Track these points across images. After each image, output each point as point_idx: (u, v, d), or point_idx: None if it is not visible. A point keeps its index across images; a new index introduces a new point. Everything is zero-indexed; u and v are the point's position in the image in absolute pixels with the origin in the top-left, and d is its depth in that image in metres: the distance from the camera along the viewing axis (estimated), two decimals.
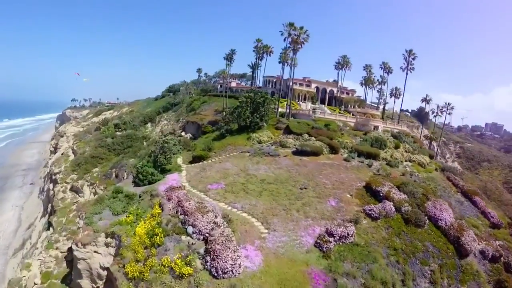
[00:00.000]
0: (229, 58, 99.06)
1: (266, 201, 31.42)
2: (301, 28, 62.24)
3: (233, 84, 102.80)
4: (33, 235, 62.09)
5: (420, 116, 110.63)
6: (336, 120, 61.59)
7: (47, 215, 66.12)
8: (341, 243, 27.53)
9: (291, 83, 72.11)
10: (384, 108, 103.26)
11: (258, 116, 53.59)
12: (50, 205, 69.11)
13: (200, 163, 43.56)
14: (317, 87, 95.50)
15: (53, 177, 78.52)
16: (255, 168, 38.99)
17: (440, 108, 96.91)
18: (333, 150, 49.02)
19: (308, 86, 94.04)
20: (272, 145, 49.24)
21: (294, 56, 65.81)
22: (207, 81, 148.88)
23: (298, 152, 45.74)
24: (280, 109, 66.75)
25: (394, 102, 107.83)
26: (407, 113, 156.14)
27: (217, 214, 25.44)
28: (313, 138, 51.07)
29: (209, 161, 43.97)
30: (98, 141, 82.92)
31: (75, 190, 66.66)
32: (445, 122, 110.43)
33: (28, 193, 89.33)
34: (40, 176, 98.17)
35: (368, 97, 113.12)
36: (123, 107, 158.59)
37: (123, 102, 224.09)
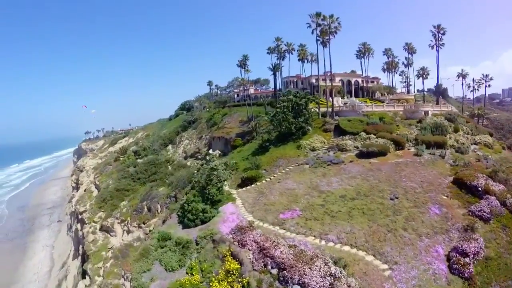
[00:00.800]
0: (243, 64, 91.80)
1: (363, 224, 24.21)
2: (331, 16, 54.64)
3: (251, 91, 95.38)
4: (68, 278, 58.30)
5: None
6: (386, 111, 53.36)
7: (79, 257, 60.32)
8: (475, 261, 21.64)
9: (326, 79, 64.50)
10: (407, 91, 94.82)
11: (302, 120, 45.79)
12: (81, 247, 63.00)
13: (252, 185, 35.87)
14: (341, 80, 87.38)
15: (80, 217, 72.38)
16: (325, 182, 31.40)
17: (478, 80, 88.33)
18: (398, 145, 41.22)
19: (331, 80, 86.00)
20: (328, 151, 41.45)
21: (324, 48, 58.12)
22: (219, 92, 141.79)
23: (364, 155, 38.09)
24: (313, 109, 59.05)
25: (423, 83, 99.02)
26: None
27: (326, 261, 17.61)
28: (372, 135, 43.12)
29: (263, 181, 36.22)
30: (120, 172, 76.27)
31: (106, 230, 59.88)
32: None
33: (57, 231, 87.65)
34: (66, 212, 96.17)
35: (391, 82, 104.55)
36: (138, 132, 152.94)
37: (135, 127, 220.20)
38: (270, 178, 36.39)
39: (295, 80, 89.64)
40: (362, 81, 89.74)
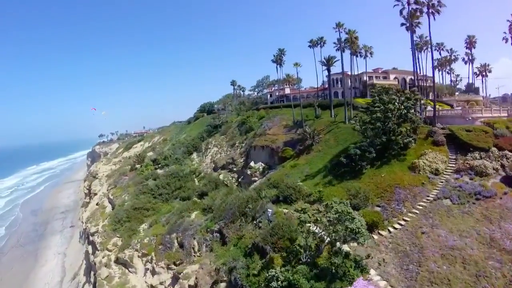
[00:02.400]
0: (279, 60, 77.89)
1: None
2: None
3: (287, 91, 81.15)
4: None
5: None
6: (495, 117, 38.21)
7: (91, 286, 49.31)
8: None
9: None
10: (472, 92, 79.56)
11: (410, 128, 31.26)
12: (92, 274, 50.50)
13: (374, 236, 21.27)
14: (396, 78, 72.60)
15: (91, 238, 59.13)
16: (500, 232, 17.73)
17: None
18: None
19: (385, 78, 71.39)
20: (460, 175, 27.03)
21: (413, 35, 43.17)
22: (243, 93, 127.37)
23: None
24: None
25: (484, 81, 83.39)
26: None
27: None
28: (508, 152, 28.33)
29: (391, 229, 21.63)
30: (137, 186, 62.68)
31: (123, 263, 46.15)
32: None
33: (69, 237, 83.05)
34: (79, 217, 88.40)
35: (442, 81, 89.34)
36: (154, 135, 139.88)
37: (149, 130, 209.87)
38: (400, 224, 22.00)
39: (340, 77, 75.15)
40: (420, 80, 74.73)
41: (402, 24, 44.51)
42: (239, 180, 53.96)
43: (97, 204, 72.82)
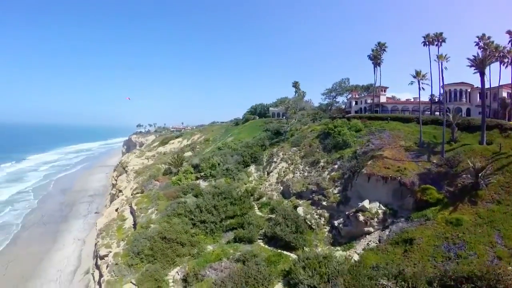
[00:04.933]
0: (377, 56, 56.01)
1: None
2: None
3: (383, 100, 58.75)
4: None
5: None
6: None
7: None
8: None
9: None
10: None
11: None
12: None
13: None
14: None
15: (98, 262, 40.42)
16: None
17: None
18: None
19: None
20: None
21: None
22: (309, 99, 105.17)
23: None
24: None
25: None
26: None
27: None
28: None
29: None
30: (170, 201, 42.32)
31: None
32: None
33: (92, 224, 76.16)
34: (105, 204, 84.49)
35: None
36: (193, 133, 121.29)
37: (188, 126, 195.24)
38: None
39: (459, 89, 51.79)
40: None
41: None
42: (334, 223, 31.94)
43: (116, 210, 53.56)
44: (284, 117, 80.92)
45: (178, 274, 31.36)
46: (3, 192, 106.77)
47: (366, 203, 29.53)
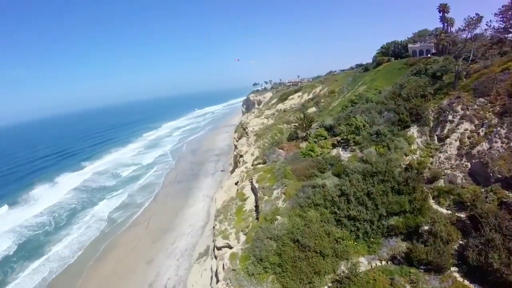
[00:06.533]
0: None
1: None
2: None
3: None
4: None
5: None
6: None
7: None
8: None
9: None
10: None
11: None
12: None
13: None
14: None
15: (215, 253, 32.04)
16: None
17: None
18: None
19: None
20: None
21: None
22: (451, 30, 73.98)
23: None
24: None
25: None
26: None
27: None
28: None
29: None
30: (302, 184, 29.67)
31: None
32: None
33: (219, 181, 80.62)
34: (230, 162, 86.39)
35: None
36: (315, 85, 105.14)
37: (304, 80, 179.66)
38: None
39: None
40: None
41: None
42: None
43: (236, 184, 45.25)
44: (427, 55, 55.68)
45: None
46: (148, 156, 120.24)
47: None
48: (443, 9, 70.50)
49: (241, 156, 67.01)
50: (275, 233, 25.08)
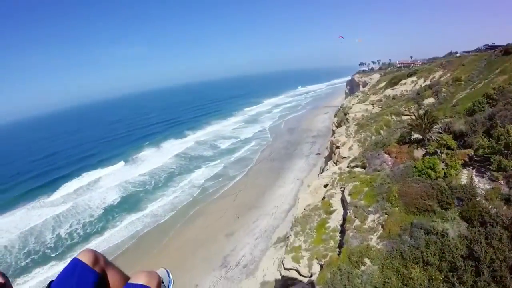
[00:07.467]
0: None
1: None
2: None
3: None
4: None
5: None
6: None
7: None
8: None
9: None
10: None
11: None
12: None
13: None
14: None
15: (283, 273, 29.57)
16: None
17: None
18: None
19: None
20: None
21: None
22: None
23: None
24: None
25: None
26: None
27: None
28: None
29: None
30: (412, 222, 21.93)
31: None
32: None
33: (312, 165, 77.67)
34: (326, 146, 79.23)
35: None
36: (433, 69, 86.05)
37: (418, 61, 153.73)
38: None
39: None
40: None
41: None
42: None
43: (324, 187, 39.70)
44: None
45: None
46: (247, 131, 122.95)
47: None
48: None
49: (337, 147, 60.07)
50: (357, 285, 19.07)
